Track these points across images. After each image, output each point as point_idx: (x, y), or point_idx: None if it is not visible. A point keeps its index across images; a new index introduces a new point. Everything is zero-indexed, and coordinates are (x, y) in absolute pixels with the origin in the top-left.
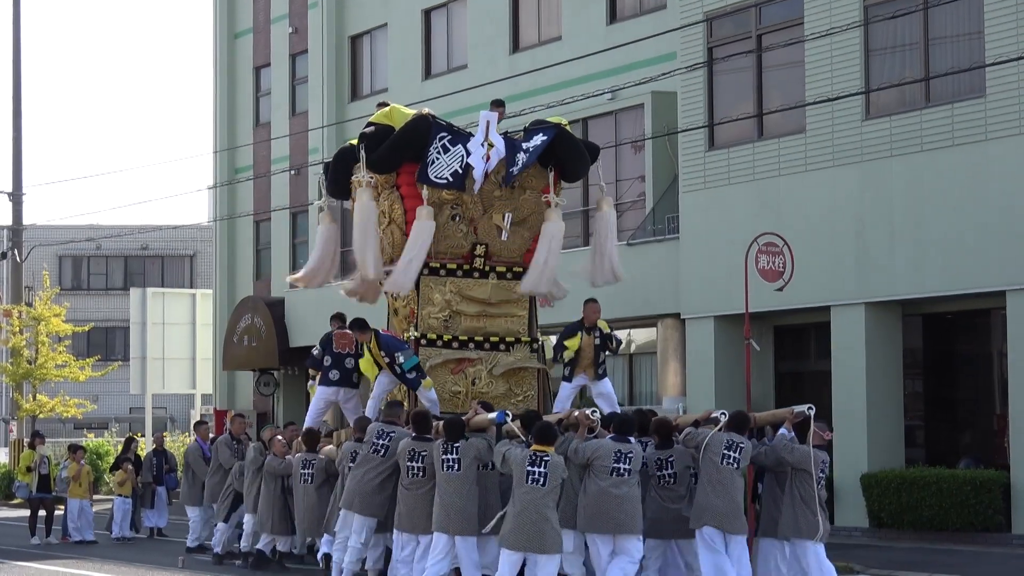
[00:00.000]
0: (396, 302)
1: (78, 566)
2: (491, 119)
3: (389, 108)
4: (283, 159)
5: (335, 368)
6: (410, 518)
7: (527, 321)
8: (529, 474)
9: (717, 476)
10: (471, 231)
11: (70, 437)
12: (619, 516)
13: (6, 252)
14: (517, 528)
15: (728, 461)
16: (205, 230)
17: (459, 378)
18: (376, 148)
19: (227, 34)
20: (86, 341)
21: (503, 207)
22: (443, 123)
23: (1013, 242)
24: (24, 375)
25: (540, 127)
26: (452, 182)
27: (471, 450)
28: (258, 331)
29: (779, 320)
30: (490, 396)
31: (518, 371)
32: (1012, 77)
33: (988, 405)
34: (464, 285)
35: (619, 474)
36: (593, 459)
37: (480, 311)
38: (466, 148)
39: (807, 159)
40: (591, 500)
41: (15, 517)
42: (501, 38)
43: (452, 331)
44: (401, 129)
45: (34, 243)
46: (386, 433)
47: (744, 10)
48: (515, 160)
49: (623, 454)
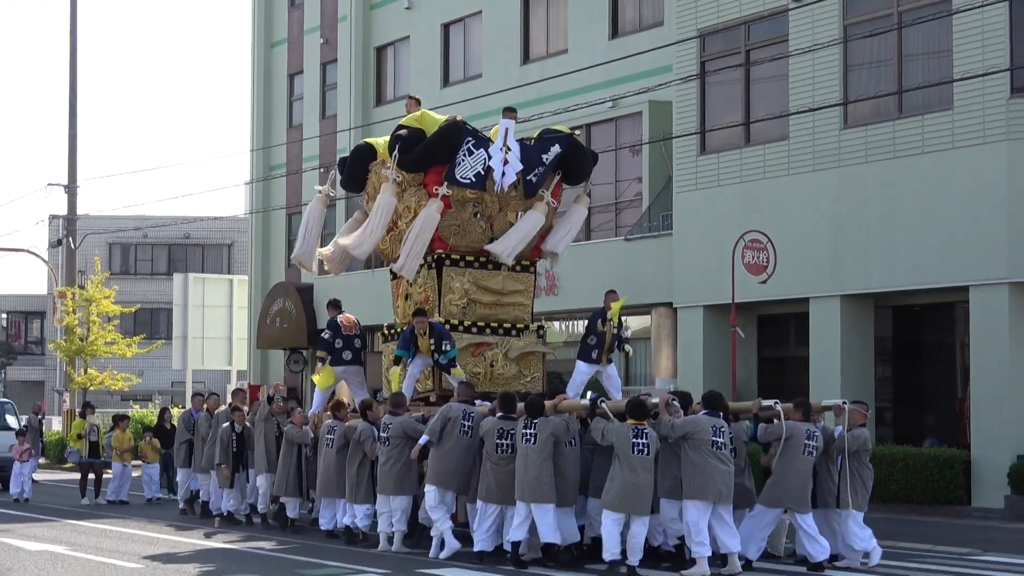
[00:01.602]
0: (410, 288)
1: (122, 524)
2: (509, 127)
3: (420, 113)
4: (313, 158)
5: (347, 349)
6: (500, 491)
7: (531, 309)
8: (635, 445)
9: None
10: (488, 227)
11: (117, 408)
12: (721, 488)
13: (61, 239)
14: (623, 494)
15: (808, 450)
16: (242, 221)
17: (479, 360)
18: (409, 150)
19: (264, 44)
20: (133, 321)
21: (517, 206)
22: (470, 128)
23: (976, 242)
24: (76, 351)
25: (552, 136)
26: (475, 182)
27: (548, 426)
28: (289, 314)
29: (762, 310)
30: (504, 377)
31: (527, 354)
32: (977, 92)
33: (951, 390)
34: (480, 276)
35: (717, 447)
36: (692, 434)
37: (494, 300)
38: (488, 152)
39: (790, 164)
40: (696, 470)
41: (67, 480)
42: (512, 50)
43: (470, 317)
44: (436, 134)
45: (87, 231)
46: (468, 414)
47: (734, 27)
48: (536, 170)
49: (718, 428)
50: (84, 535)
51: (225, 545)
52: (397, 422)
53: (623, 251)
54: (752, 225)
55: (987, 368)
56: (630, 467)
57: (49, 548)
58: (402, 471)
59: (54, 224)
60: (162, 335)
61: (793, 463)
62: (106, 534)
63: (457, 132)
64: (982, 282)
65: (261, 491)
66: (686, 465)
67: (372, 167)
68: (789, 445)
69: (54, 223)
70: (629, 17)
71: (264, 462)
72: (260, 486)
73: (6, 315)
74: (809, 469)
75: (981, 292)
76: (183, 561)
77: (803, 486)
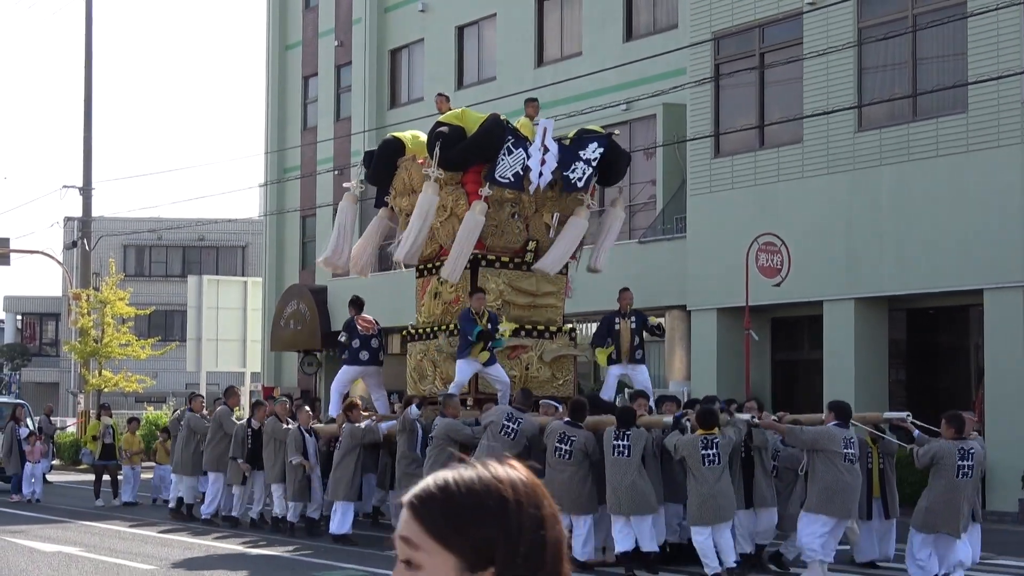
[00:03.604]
0: (440, 286)
1: (135, 526)
2: (548, 126)
3: (461, 110)
4: (328, 160)
5: (364, 349)
6: (558, 498)
7: (562, 311)
8: (704, 457)
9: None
10: (524, 228)
11: (132, 410)
12: (850, 506)
13: (76, 241)
14: (702, 508)
15: (964, 471)
16: (256, 223)
17: (514, 363)
18: (450, 147)
19: (279, 46)
20: (147, 323)
21: (552, 207)
22: (510, 127)
23: (990, 245)
24: (91, 353)
25: (591, 136)
26: (513, 182)
27: (641, 439)
28: (303, 316)
29: (776, 313)
30: (539, 380)
31: (559, 357)
32: (992, 95)
33: (965, 392)
34: (514, 277)
35: (848, 460)
36: (822, 446)
37: (529, 302)
38: (527, 151)
39: (804, 167)
40: (825, 485)
41: (81, 481)
42: (527, 53)
43: (504, 319)
44: (478, 132)
45: (101, 233)
46: (515, 417)
47: (748, 30)
48: (573, 167)
49: (848, 440)
50: (98, 536)
51: (239, 548)
52: (442, 424)
53: (637, 254)
54: (766, 228)
55: (1001, 371)
56: (703, 479)
57: (63, 549)
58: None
59: (69, 226)
60: (176, 337)
61: (946, 486)
62: (120, 535)
63: (500, 131)
64: (996, 285)
65: (277, 495)
66: (812, 478)
67: (400, 162)
68: (940, 467)
69: (69, 225)
70: (643, 20)
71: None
72: (275, 492)
73: (21, 317)
74: (965, 492)
75: (995, 295)
76: (197, 563)
77: (956, 511)
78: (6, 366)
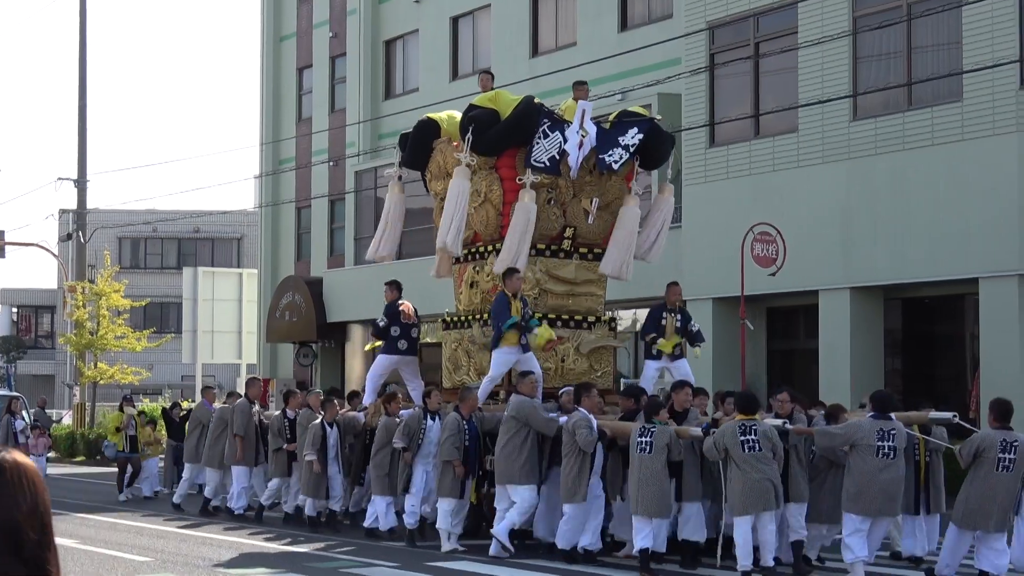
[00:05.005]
0: (476, 275)
1: (130, 518)
2: (587, 108)
3: (494, 92)
4: (322, 151)
5: (404, 339)
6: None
7: (604, 300)
8: (744, 443)
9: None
10: (562, 214)
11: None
12: (881, 502)
13: (71, 234)
14: (745, 494)
15: (1005, 464)
16: (251, 215)
17: (550, 355)
18: (483, 132)
19: (273, 38)
20: (143, 315)
21: (591, 192)
22: (546, 109)
23: (986, 234)
24: (87, 345)
25: (632, 119)
26: (549, 167)
27: (665, 435)
28: (298, 307)
29: (771, 302)
30: (575, 373)
31: (598, 348)
32: (987, 83)
33: (961, 381)
34: (551, 265)
35: (883, 454)
36: (855, 441)
37: (567, 290)
38: (563, 135)
39: (799, 156)
40: (854, 481)
41: (76, 474)
42: (522, 43)
43: (541, 308)
44: (512, 116)
45: (97, 226)
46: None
47: (743, 20)
48: (610, 151)
49: (885, 432)
50: (93, 528)
51: (234, 538)
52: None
53: None
54: (761, 217)
55: (997, 360)
56: (745, 465)
57: (58, 541)
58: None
59: (64, 218)
60: (172, 329)
61: (984, 478)
62: (115, 528)
63: (535, 113)
64: (992, 274)
65: (292, 490)
66: (846, 474)
67: (436, 144)
68: (982, 458)
69: (64, 217)
70: (638, 10)
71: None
72: (293, 486)
73: (16, 309)
74: (1006, 486)
75: (991, 284)
76: (192, 554)
77: (999, 506)
78: (1, 359)
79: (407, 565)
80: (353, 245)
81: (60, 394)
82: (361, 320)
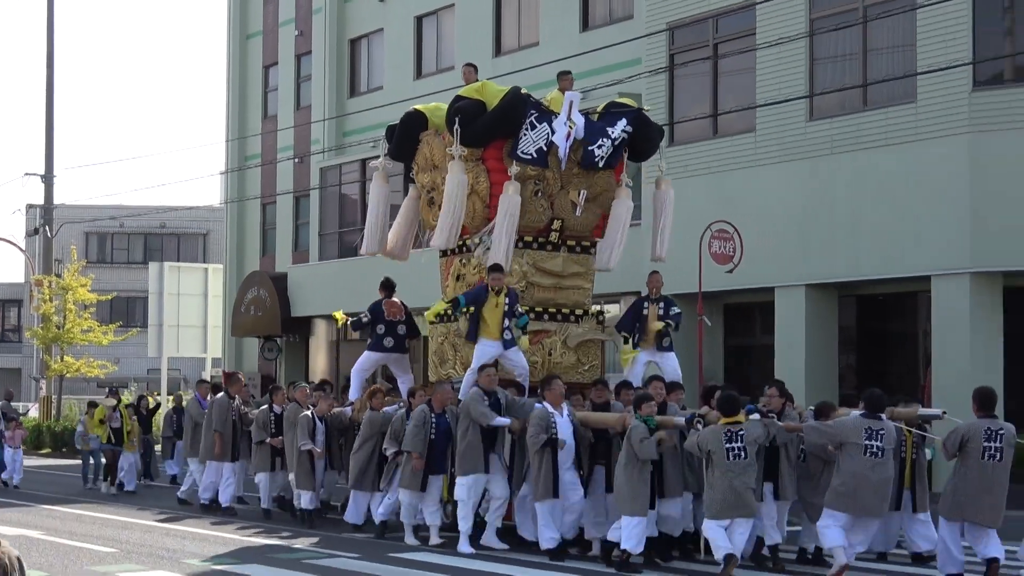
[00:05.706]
0: (463, 268)
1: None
2: (574, 99)
3: (480, 84)
4: (288, 148)
5: (390, 335)
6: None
7: (591, 293)
8: (729, 451)
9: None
10: (549, 206)
11: (93, 395)
12: (867, 502)
13: (38, 228)
14: (724, 502)
15: (991, 453)
16: (217, 211)
17: (536, 349)
18: (469, 123)
19: (239, 36)
20: (109, 309)
21: (579, 184)
22: (533, 100)
23: (939, 232)
24: (53, 339)
25: (619, 110)
26: (536, 159)
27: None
28: (263, 302)
29: (729, 299)
30: (562, 366)
31: (585, 342)
32: (940, 85)
33: (913, 377)
34: (538, 257)
35: (871, 453)
36: (844, 438)
37: (554, 283)
38: (551, 126)
39: (757, 155)
40: (841, 479)
41: (43, 466)
42: (485, 42)
43: (528, 302)
44: (499, 107)
45: (63, 221)
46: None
47: (703, 21)
48: (597, 142)
49: (874, 431)
50: (59, 520)
51: (196, 529)
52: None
53: None
54: (720, 216)
55: (948, 356)
56: (727, 472)
57: (24, 533)
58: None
59: (31, 213)
60: (138, 323)
61: (971, 468)
62: (80, 519)
63: (522, 103)
64: (945, 272)
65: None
66: (834, 472)
67: (423, 136)
68: (967, 449)
69: (31, 212)
70: (600, 10)
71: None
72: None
73: None
74: (994, 476)
75: (944, 282)
76: (157, 545)
77: (992, 500)
78: None
79: (368, 556)
80: (318, 241)
81: (27, 387)
82: (325, 315)
